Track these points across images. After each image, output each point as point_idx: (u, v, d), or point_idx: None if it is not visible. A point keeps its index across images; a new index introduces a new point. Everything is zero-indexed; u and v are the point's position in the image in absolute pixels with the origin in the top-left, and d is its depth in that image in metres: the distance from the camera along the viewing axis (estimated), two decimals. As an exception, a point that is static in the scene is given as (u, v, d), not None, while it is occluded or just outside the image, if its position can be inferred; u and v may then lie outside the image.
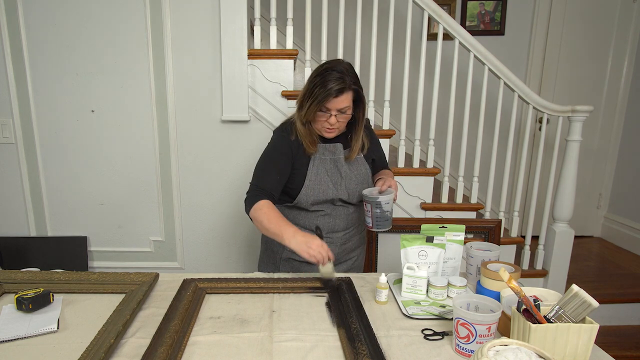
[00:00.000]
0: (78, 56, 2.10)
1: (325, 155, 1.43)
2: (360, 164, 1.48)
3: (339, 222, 1.48)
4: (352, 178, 1.45)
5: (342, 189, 1.44)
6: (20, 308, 1.08)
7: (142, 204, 2.28)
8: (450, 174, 2.37)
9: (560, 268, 2.45)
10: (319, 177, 1.42)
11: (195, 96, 2.17)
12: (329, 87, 1.29)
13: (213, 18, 2.07)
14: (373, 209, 1.35)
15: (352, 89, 1.33)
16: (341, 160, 1.44)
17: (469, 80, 2.25)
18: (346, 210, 1.48)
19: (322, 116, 1.35)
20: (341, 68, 1.32)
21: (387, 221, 1.37)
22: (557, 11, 3.07)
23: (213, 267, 2.38)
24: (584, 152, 2.92)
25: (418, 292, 1.21)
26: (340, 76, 1.30)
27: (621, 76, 3.20)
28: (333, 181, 1.43)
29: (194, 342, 0.98)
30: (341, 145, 1.44)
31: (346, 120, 1.37)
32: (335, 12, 2.17)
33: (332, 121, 1.34)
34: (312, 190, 1.42)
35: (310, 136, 1.39)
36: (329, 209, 1.46)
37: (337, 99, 1.30)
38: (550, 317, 0.90)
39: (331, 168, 1.44)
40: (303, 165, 1.42)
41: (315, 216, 1.46)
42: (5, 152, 2.19)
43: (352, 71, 1.34)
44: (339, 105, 1.32)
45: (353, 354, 0.92)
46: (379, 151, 1.59)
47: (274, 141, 1.46)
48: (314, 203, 1.43)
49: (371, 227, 1.39)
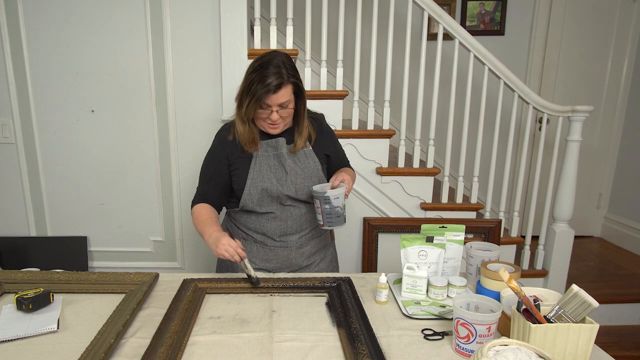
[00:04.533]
0: (78, 56, 2.10)
1: (267, 152, 1.39)
2: (308, 158, 1.41)
3: (290, 224, 1.42)
4: (299, 172, 1.39)
5: (287, 185, 1.38)
6: (20, 308, 1.08)
7: (142, 204, 2.28)
8: (450, 174, 2.37)
9: (560, 268, 2.45)
10: (261, 175, 1.37)
11: (195, 96, 2.17)
12: (267, 82, 1.24)
13: (213, 18, 2.07)
14: (322, 204, 1.30)
15: (290, 82, 1.28)
16: (284, 154, 1.38)
17: (469, 80, 2.25)
18: (297, 210, 1.42)
19: (263, 113, 1.31)
20: (278, 62, 1.27)
21: (339, 217, 1.31)
22: (557, 11, 3.07)
23: (213, 267, 2.36)
24: (584, 152, 2.91)
25: (418, 292, 1.21)
26: (277, 70, 1.25)
27: (621, 76, 3.20)
28: (277, 177, 1.38)
29: (194, 342, 0.98)
30: (284, 139, 1.38)
31: (289, 114, 1.33)
32: (335, 12, 2.17)
33: (274, 117, 1.30)
34: (255, 188, 1.37)
35: (250, 134, 1.35)
36: (278, 211, 1.41)
37: (276, 95, 1.26)
38: (550, 317, 0.90)
39: (275, 164, 1.38)
40: (244, 165, 1.39)
41: (266, 219, 1.41)
42: (5, 152, 2.19)
43: (289, 63, 1.30)
44: (279, 100, 1.27)
45: (353, 354, 0.92)
46: (335, 147, 1.52)
47: (212, 145, 1.45)
48: (260, 203, 1.39)
49: (322, 224, 1.33)
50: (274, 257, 1.45)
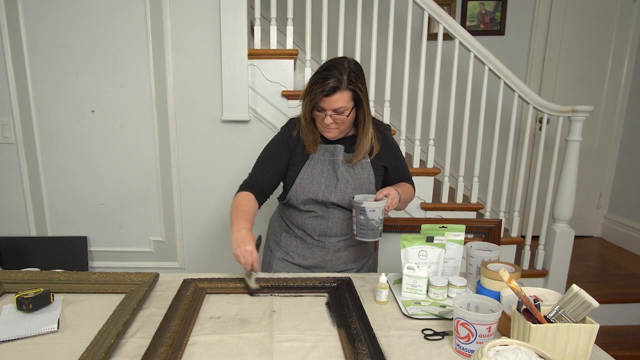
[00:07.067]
0: (78, 56, 2.10)
1: (324, 156, 1.40)
2: (364, 169, 1.40)
3: (332, 226, 1.42)
4: (350, 182, 1.38)
5: (335, 192, 1.38)
6: (20, 308, 1.08)
7: (142, 204, 2.28)
8: (451, 174, 2.37)
9: (561, 268, 2.45)
10: (312, 177, 1.38)
11: (195, 96, 2.17)
12: (323, 85, 1.25)
13: (213, 18, 2.07)
14: (357, 214, 1.28)
15: (349, 89, 1.27)
16: (339, 162, 1.38)
17: (469, 80, 2.25)
18: (340, 214, 1.42)
19: (319, 116, 1.32)
20: (342, 67, 1.27)
21: (373, 231, 1.28)
22: (557, 11, 3.07)
23: (213, 267, 2.38)
24: (584, 152, 2.91)
25: (418, 292, 1.21)
26: (337, 75, 1.25)
27: (621, 76, 3.21)
28: (326, 183, 1.38)
29: (194, 342, 0.98)
30: (342, 147, 1.39)
31: (345, 121, 1.32)
32: (335, 12, 2.17)
33: (327, 121, 1.30)
34: (302, 188, 1.38)
35: (312, 135, 1.37)
36: (321, 211, 1.41)
37: (330, 98, 1.26)
38: (550, 317, 0.90)
39: (328, 169, 1.39)
40: (300, 162, 1.40)
41: (307, 217, 1.42)
42: (5, 152, 2.19)
43: (355, 70, 1.29)
44: (333, 105, 1.27)
45: (353, 354, 0.92)
46: (396, 161, 1.47)
47: (276, 135, 1.46)
48: (304, 202, 1.40)
49: (355, 234, 1.32)
50: (311, 255, 1.46)
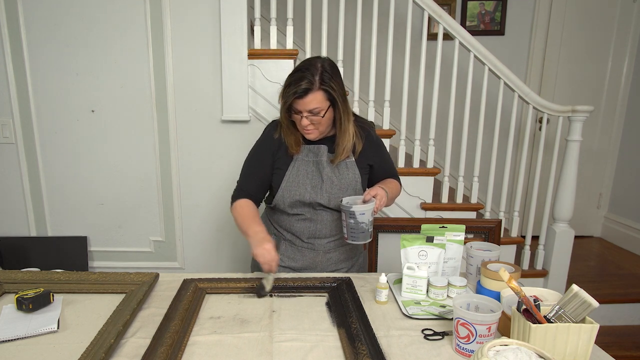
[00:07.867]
0: (78, 56, 2.10)
1: (308, 157, 1.38)
2: (349, 169, 1.39)
3: (321, 228, 1.41)
4: (335, 182, 1.37)
5: (321, 193, 1.37)
6: (20, 308, 1.08)
7: (142, 204, 2.28)
8: (450, 174, 2.37)
9: (560, 268, 2.45)
10: (298, 179, 1.37)
11: (195, 96, 2.17)
12: (296, 87, 1.24)
13: (213, 18, 2.07)
14: (347, 218, 1.26)
15: (321, 89, 1.25)
16: (324, 162, 1.37)
17: (469, 80, 2.25)
18: (328, 215, 1.40)
19: (296, 118, 1.31)
20: (313, 68, 1.25)
21: (364, 233, 1.26)
22: (557, 11, 3.07)
23: (213, 267, 2.38)
24: (584, 152, 2.92)
25: (418, 292, 1.21)
26: (308, 76, 1.23)
27: (621, 76, 3.20)
28: (312, 184, 1.37)
29: (194, 342, 0.98)
30: (326, 147, 1.37)
31: (322, 122, 1.30)
32: (335, 12, 2.17)
33: (304, 123, 1.29)
34: (288, 192, 1.37)
35: (293, 136, 1.36)
36: (309, 213, 1.40)
37: (303, 100, 1.24)
38: (550, 317, 0.90)
39: (312, 170, 1.38)
40: (284, 165, 1.38)
41: (296, 219, 1.41)
42: (5, 152, 2.19)
43: (329, 69, 1.26)
44: (307, 106, 1.25)
45: (353, 354, 0.92)
46: (381, 158, 1.47)
47: (260, 137, 1.44)
48: (291, 205, 1.39)
49: (346, 238, 1.30)
50: (301, 257, 1.45)
